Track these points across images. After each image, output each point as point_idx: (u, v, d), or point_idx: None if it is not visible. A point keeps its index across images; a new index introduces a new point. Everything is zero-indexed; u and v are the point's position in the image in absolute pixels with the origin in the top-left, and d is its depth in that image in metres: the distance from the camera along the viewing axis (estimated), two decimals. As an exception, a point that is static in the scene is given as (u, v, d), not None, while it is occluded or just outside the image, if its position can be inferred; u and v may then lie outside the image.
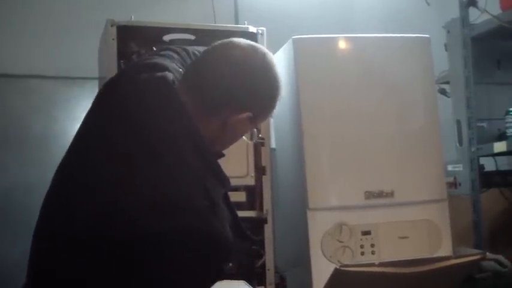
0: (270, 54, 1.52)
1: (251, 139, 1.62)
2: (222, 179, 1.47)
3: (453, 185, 3.21)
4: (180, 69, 1.54)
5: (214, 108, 1.45)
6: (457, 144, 3.27)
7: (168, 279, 1.30)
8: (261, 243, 2.46)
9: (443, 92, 3.53)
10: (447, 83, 3.48)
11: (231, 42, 1.51)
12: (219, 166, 1.47)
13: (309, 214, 2.51)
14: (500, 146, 3.03)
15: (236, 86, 1.45)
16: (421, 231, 2.60)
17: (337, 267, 2.29)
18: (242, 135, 1.59)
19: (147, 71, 1.46)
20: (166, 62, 1.53)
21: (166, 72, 1.46)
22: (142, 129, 1.37)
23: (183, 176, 1.34)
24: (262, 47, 1.53)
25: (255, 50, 1.50)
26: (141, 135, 1.37)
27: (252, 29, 2.60)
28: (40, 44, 3.55)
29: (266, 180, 2.50)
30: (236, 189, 2.42)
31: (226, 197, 1.53)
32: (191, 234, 1.30)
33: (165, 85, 1.43)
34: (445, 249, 2.61)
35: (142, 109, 1.40)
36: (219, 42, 1.52)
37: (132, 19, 2.55)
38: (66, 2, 3.74)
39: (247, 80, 1.46)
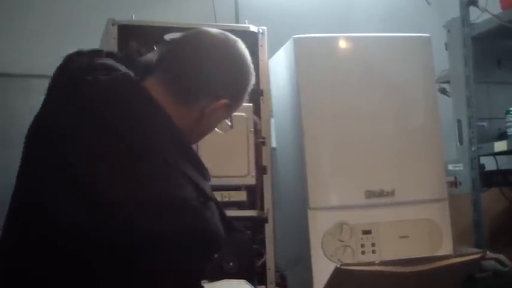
0: (240, 41, 1.52)
1: (230, 127, 1.61)
2: (204, 172, 1.45)
3: (454, 184, 3.21)
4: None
5: (190, 98, 1.43)
6: (458, 144, 3.27)
7: (165, 277, 1.30)
8: (262, 243, 2.46)
9: (443, 91, 3.53)
10: (447, 82, 3.48)
11: (200, 31, 1.50)
12: (199, 158, 1.46)
13: (310, 213, 2.51)
14: (500, 145, 3.03)
15: (212, 73, 1.44)
16: (422, 230, 2.61)
17: (338, 266, 2.29)
18: (217, 125, 1.58)
19: (103, 73, 1.41)
20: (113, 63, 1.48)
21: (126, 72, 1.44)
22: (118, 130, 1.34)
23: (172, 175, 1.33)
24: (232, 35, 1.52)
25: (226, 37, 1.50)
26: (118, 137, 1.33)
27: (253, 28, 2.61)
28: (41, 43, 3.54)
29: (267, 179, 2.50)
30: (237, 188, 2.43)
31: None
32: (190, 233, 1.29)
33: (130, 83, 1.40)
34: (445, 248, 2.61)
35: (113, 111, 1.36)
36: (188, 32, 1.50)
37: (133, 18, 2.56)
38: (67, 2, 3.74)
39: (223, 67, 1.46)
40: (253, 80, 1.54)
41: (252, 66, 1.52)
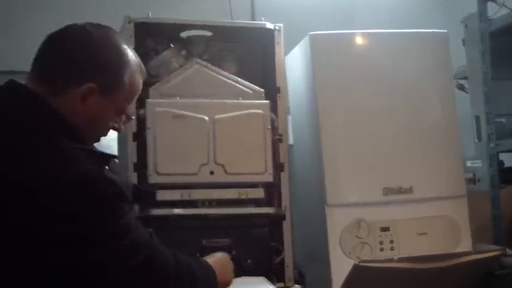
0: (108, 28, 1.55)
1: (124, 123, 1.64)
2: (100, 157, 1.48)
3: (472, 181, 3.20)
4: None
5: (58, 87, 1.47)
6: (476, 140, 3.26)
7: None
8: (280, 240, 2.45)
9: (461, 87, 3.52)
10: (465, 78, 3.46)
11: (67, 25, 1.53)
12: (91, 148, 1.50)
13: (327, 210, 2.50)
14: (519, 142, 3.01)
15: (67, 58, 1.48)
16: (440, 227, 2.59)
17: (356, 262, 2.29)
18: (105, 115, 1.57)
19: None
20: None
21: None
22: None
23: (63, 156, 1.37)
24: (107, 26, 1.56)
25: (93, 27, 1.52)
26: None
27: (269, 25, 2.60)
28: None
29: (284, 176, 2.50)
30: (254, 185, 2.42)
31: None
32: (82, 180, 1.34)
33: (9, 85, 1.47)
34: (464, 245, 2.60)
35: None
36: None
37: (149, 16, 2.56)
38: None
39: (78, 50, 1.48)
40: (124, 59, 1.54)
41: (121, 47, 1.54)
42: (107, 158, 1.50)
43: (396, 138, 2.60)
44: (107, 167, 1.47)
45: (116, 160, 1.64)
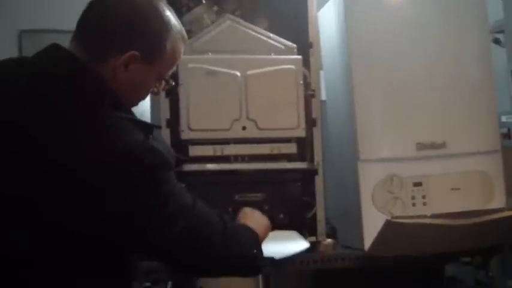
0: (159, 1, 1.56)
1: (163, 88, 1.65)
2: (145, 126, 1.50)
3: (507, 136, 3.16)
4: None
5: (100, 55, 1.48)
6: (512, 95, 3.21)
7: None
8: (312, 195, 2.47)
9: (497, 41, 3.45)
10: (502, 32, 3.40)
11: None
12: (134, 117, 1.52)
13: (360, 165, 2.50)
14: (556, 96, 2.96)
15: (109, 25, 1.49)
16: (474, 182, 2.58)
17: (389, 218, 2.30)
18: (146, 81, 1.58)
19: None
20: None
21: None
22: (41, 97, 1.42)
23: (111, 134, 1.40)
24: None
25: None
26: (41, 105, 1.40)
27: (301, -21, 2.57)
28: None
29: (317, 131, 2.50)
30: (287, 141, 2.43)
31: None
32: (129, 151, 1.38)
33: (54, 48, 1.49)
34: (498, 201, 2.58)
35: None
36: None
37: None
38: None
39: (121, 18, 1.49)
40: (168, 27, 1.55)
41: (163, 14, 1.54)
42: (151, 127, 1.52)
43: (430, 93, 2.57)
44: (151, 136, 1.48)
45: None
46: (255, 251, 1.68)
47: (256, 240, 1.71)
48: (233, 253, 1.60)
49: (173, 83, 1.76)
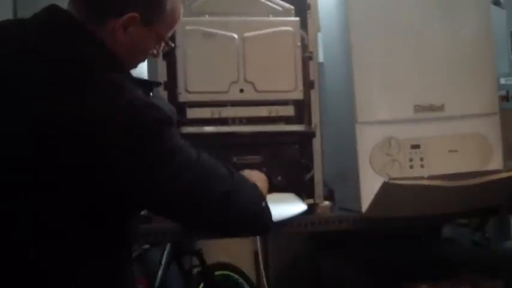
0: None
1: (163, 50, 1.64)
2: (145, 84, 1.51)
3: (505, 98, 3.16)
4: None
5: (99, 17, 1.47)
6: (511, 57, 3.19)
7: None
8: (310, 157, 2.47)
9: (497, 2, 3.43)
10: (501, -7, 3.37)
11: None
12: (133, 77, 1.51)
13: (358, 128, 2.50)
14: (555, 58, 2.95)
15: None
16: (471, 145, 2.58)
17: (386, 180, 2.30)
18: (145, 43, 1.57)
19: None
20: None
21: None
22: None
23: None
24: None
25: None
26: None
27: None
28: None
29: (314, 94, 2.49)
30: (284, 103, 2.42)
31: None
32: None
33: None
34: (495, 163, 2.59)
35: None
36: None
37: None
38: None
39: None
40: None
41: None
42: (151, 85, 1.51)
43: (428, 55, 2.56)
44: (151, 94, 1.48)
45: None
46: (263, 203, 1.68)
47: (262, 194, 1.71)
48: (243, 202, 1.58)
49: (173, 45, 1.75)
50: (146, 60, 2.52)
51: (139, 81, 1.49)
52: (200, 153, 1.52)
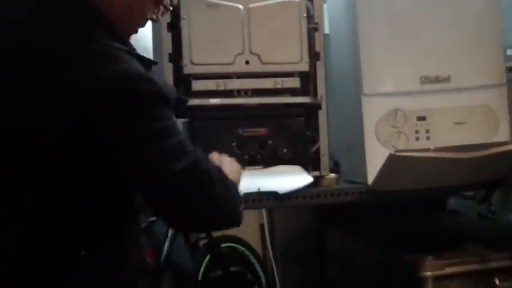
0: None
1: (162, 14, 1.61)
2: (144, 61, 1.46)
3: (512, 69, 3.13)
4: None
5: None
6: (518, 28, 3.16)
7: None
8: (315, 129, 2.46)
9: (504, -28, 3.39)
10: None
11: None
12: (134, 50, 1.48)
13: (364, 99, 2.49)
14: None
15: None
16: (478, 116, 2.57)
17: (392, 152, 2.30)
18: (144, 5, 1.53)
19: None
20: None
21: None
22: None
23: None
24: None
25: None
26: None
27: None
28: None
29: (320, 66, 2.47)
30: (290, 75, 2.41)
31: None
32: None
33: None
34: (502, 134, 2.58)
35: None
36: None
37: None
38: None
39: None
40: None
41: None
42: (150, 62, 1.49)
43: (434, 27, 2.54)
44: (150, 71, 1.46)
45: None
46: (240, 198, 1.62)
47: (237, 187, 1.66)
48: (226, 197, 1.52)
49: (171, 8, 1.72)
50: (151, 33, 2.54)
51: (139, 56, 1.47)
52: (196, 146, 1.49)
